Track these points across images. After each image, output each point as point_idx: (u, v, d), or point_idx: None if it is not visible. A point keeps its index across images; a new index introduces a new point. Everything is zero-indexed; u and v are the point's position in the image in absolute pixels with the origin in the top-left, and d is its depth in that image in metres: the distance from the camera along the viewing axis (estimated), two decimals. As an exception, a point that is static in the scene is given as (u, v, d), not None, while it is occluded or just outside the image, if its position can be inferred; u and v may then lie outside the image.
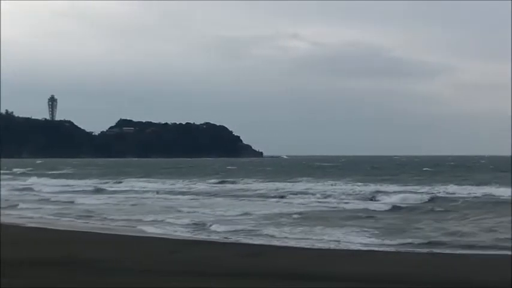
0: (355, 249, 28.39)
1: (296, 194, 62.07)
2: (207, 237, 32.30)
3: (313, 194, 61.68)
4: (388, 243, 30.21)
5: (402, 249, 28.35)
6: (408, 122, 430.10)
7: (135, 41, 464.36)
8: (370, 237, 32.23)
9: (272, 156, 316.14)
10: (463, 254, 26.82)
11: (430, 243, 30.17)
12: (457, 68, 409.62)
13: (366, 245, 29.88)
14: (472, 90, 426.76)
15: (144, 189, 73.33)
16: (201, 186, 78.61)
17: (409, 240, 31.05)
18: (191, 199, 59.59)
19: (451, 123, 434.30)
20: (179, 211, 46.07)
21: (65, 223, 39.42)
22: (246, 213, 43.47)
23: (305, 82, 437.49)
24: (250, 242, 30.49)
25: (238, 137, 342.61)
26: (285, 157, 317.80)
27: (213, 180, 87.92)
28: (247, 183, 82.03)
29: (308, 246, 28.87)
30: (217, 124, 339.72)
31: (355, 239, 31.61)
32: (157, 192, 67.53)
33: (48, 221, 40.20)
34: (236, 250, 25.95)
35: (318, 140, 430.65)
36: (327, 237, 32.34)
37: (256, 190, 69.28)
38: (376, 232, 34.10)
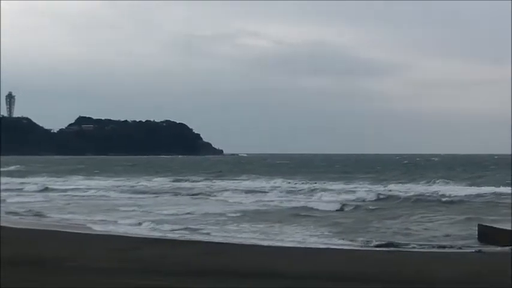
0: (313, 247, 28.47)
1: (247, 192, 62.32)
2: (164, 236, 32.23)
3: (263, 192, 62.44)
4: (342, 242, 30.40)
5: (358, 247, 28.60)
6: (367, 120, 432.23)
7: (97, 38, 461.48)
8: (325, 236, 32.47)
9: (232, 154, 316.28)
10: (417, 251, 27.06)
11: (385, 241, 30.45)
12: (413, 66, 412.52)
13: (322, 243, 29.99)
14: (428, 88, 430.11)
15: (90, 187, 72.62)
16: (153, 183, 78.84)
17: (364, 238, 31.33)
18: (140, 197, 59.74)
19: (408, 121, 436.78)
20: (127, 209, 46.12)
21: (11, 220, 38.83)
22: (189, 213, 43.47)
23: (266, 80, 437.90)
24: (209, 240, 30.52)
25: (199, 134, 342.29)
26: (245, 155, 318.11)
27: (160, 179, 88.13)
28: (195, 181, 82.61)
29: (267, 244, 28.93)
30: (178, 122, 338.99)
31: (310, 238, 31.84)
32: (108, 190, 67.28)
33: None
34: (195, 248, 25.82)
35: (278, 138, 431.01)
36: (285, 235, 32.66)
37: (206, 188, 69.73)
38: (330, 230, 34.42)
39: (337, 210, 45.96)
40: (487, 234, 30.36)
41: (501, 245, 27.77)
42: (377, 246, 29.07)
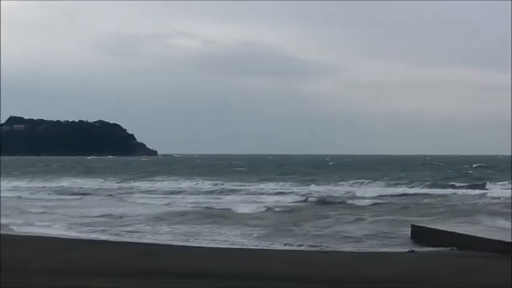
0: (244, 248, 28.37)
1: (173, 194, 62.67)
2: (96, 237, 31.89)
3: (185, 193, 62.92)
4: (271, 243, 30.39)
5: (291, 248, 28.60)
6: (304, 120, 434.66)
7: (29, 37, 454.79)
8: (254, 237, 32.54)
9: (166, 155, 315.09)
10: (350, 251, 27.06)
11: (315, 241, 30.58)
12: (347, 67, 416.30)
13: (251, 244, 29.98)
14: (363, 89, 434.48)
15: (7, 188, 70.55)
16: (75, 184, 78.19)
17: (296, 239, 31.53)
18: (63, 199, 59.09)
19: (346, 122, 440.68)
20: (48, 211, 45.46)
21: None
22: (112, 214, 43.18)
23: (199, 81, 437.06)
24: (139, 241, 30.30)
25: (132, 135, 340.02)
26: (178, 156, 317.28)
27: (83, 180, 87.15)
28: (121, 182, 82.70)
29: (200, 245, 28.84)
30: (111, 122, 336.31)
31: (242, 238, 31.89)
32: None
33: None
34: (127, 249, 25.51)
35: (212, 138, 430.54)
36: (213, 236, 32.67)
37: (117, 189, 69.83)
38: (258, 231, 34.47)
39: (263, 212, 45.83)
40: (419, 234, 30.58)
41: (433, 245, 28.01)
42: (308, 246, 29.04)
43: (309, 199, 55.80)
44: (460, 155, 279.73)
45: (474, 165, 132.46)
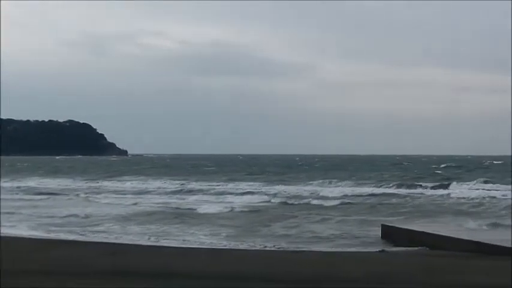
0: (213, 247, 28.37)
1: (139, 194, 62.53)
2: (66, 237, 31.64)
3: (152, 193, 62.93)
4: (240, 243, 30.47)
5: (261, 248, 28.61)
6: (276, 121, 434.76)
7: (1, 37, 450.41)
8: (222, 237, 32.55)
9: (137, 155, 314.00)
10: (320, 251, 27.08)
11: (284, 241, 30.79)
12: (321, 67, 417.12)
13: (220, 244, 30.02)
14: (336, 89, 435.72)
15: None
16: (41, 185, 77.74)
17: (265, 239, 31.63)
18: (30, 199, 58.50)
19: (317, 122, 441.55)
20: (20, 212, 45.06)
21: None
22: (77, 214, 43.00)
23: (171, 81, 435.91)
24: (114, 241, 30.16)
25: (103, 135, 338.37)
26: (150, 156, 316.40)
27: (49, 180, 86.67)
28: (88, 181, 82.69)
29: (171, 245, 28.71)
30: (81, 122, 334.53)
31: (211, 238, 31.88)
32: None
33: None
34: (101, 249, 25.27)
35: (185, 139, 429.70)
36: (181, 236, 32.67)
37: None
38: (231, 231, 34.55)
39: (230, 212, 45.86)
40: (390, 234, 30.69)
41: (404, 245, 28.13)
42: (278, 246, 29.08)
43: (277, 199, 55.89)
44: (432, 155, 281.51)
45: (442, 165, 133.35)
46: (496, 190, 62.25)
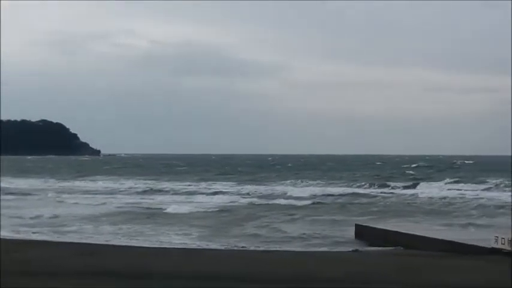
0: (189, 248, 28.20)
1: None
2: (39, 237, 31.33)
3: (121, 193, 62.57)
4: (217, 242, 30.40)
5: (235, 248, 28.53)
6: (247, 121, 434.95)
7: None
8: (199, 236, 32.48)
9: (110, 155, 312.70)
10: (294, 251, 27.05)
11: (259, 241, 30.80)
12: (292, 67, 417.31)
13: (193, 244, 29.84)
14: (307, 88, 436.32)
15: None
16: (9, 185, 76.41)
17: (238, 239, 31.60)
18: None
19: (287, 122, 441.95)
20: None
21: None
22: (47, 214, 42.58)
23: (145, 80, 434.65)
24: (86, 241, 29.87)
25: (76, 134, 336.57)
26: (123, 155, 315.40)
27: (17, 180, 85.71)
28: (60, 180, 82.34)
29: (144, 245, 28.57)
30: (54, 121, 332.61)
31: (184, 238, 31.76)
32: None
33: None
34: (75, 249, 25.06)
35: (157, 138, 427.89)
36: (159, 236, 32.50)
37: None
38: (203, 231, 34.47)
39: (202, 211, 45.67)
40: (363, 234, 30.68)
41: (378, 244, 28.19)
42: (251, 245, 29.04)
43: (248, 199, 55.86)
44: (404, 155, 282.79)
45: (413, 165, 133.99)
46: (464, 190, 62.70)
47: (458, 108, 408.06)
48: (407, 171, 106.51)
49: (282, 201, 52.97)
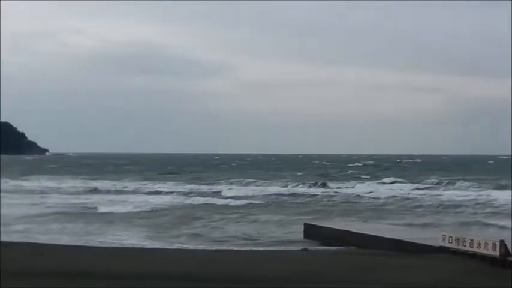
0: (137, 247, 28.10)
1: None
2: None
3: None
4: (165, 242, 30.39)
5: (183, 247, 28.54)
6: (196, 120, 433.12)
7: None
8: (146, 236, 32.28)
9: (58, 154, 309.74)
10: (244, 250, 27.20)
11: (207, 241, 30.85)
12: (238, 67, 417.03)
13: (141, 244, 29.73)
14: (254, 88, 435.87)
15: None
16: None
17: (184, 239, 31.65)
18: None
19: (241, 121, 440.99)
20: None
21: None
22: None
23: (92, 79, 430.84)
24: (33, 241, 29.38)
25: (23, 133, 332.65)
26: (72, 154, 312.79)
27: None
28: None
29: (90, 245, 28.34)
30: (2, 121, 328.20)
31: (132, 238, 31.50)
32: None
33: None
34: (26, 249, 24.78)
35: (106, 137, 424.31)
36: (109, 236, 32.22)
37: None
38: (149, 231, 34.27)
39: (140, 211, 45.16)
40: (312, 233, 30.76)
41: (327, 243, 28.42)
42: (200, 245, 29.13)
43: (190, 198, 55.47)
44: (353, 154, 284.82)
45: (358, 164, 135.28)
46: (409, 189, 63.39)
47: (405, 108, 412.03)
48: (351, 171, 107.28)
49: (221, 201, 52.56)
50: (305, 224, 32.55)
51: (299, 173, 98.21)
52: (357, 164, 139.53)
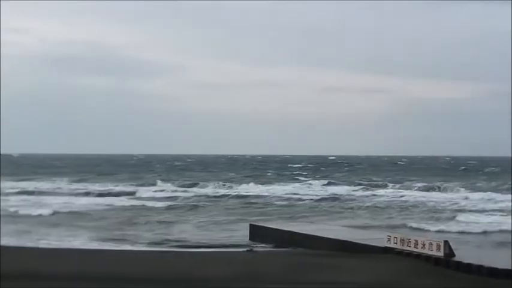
0: (81, 248, 27.80)
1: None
2: None
3: None
4: (106, 243, 30.08)
5: (127, 248, 28.36)
6: (142, 120, 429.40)
7: None
8: (90, 237, 31.88)
9: (5, 155, 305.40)
10: (190, 252, 27.05)
11: (153, 242, 30.55)
12: (187, 67, 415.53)
13: (83, 244, 29.39)
14: (202, 89, 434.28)
15: None
16: None
17: (131, 239, 31.37)
18: None
19: (184, 122, 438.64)
20: None
21: None
22: None
23: (32, 79, 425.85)
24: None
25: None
26: (16, 155, 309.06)
27: None
28: None
29: (29, 246, 28.00)
30: None
31: (73, 239, 31.05)
32: None
33: None
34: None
35: (48, 138, 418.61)
36: (51, 237, 31.77)
37: None
38: (94, 232, 33.79)
39: (56, 214, 43.89)
40: (258, 234, 30.79)
41: (272, 244, 28.58)
42: (144, 247, 28.97)
43: (125, 200, 54.56)
44: (296, 155, 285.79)
45: (297, 165, 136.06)
46: (343, 191, 63.52)
47: (353, 108, 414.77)
48: (293, 172, 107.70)
49: (166, 203, 51.63)
50: (251, 225, 32.58)
51: (240, 173, 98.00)
52: (297, 165, 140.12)
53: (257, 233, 31.09)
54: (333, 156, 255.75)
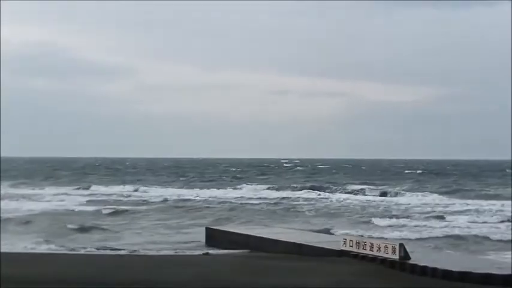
0: (34, 252, 27.67)
1: None
2: None
3: None
4: (58, 247, 29.90)
5: (81, 252, 28.16)
6: (92, 122, 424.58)
7: None
8: (36, 241, 31.50)
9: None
10: (147, 255, 26.93)
11: (109, 245, 30.48)
12: (140, 69, 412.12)
13: (36, 248, 29.25)
14: (156, 91, 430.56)
15: None
16: None
17: (84, 244, 31.11)
18: None
19: (136, 124, 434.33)
20: None
21: None
22: None
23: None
24: None
25: None
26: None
27: None
28: None
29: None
30: None
31: (22, 243, 30.67)
32: None
33: None
34: None
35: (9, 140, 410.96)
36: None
37: None
38: (41, 236, 33.45)
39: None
40: (214, 237, 30.87)
41: (229, 247, 28.58)
42: (100, 250, 28.86)
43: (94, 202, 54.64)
44: (243, 158, 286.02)
45: (235, 169, 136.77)
46: (293, 194, 64.39)
47: (303, 111, 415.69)
48: (236, 175, 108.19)
49: (120, 207, 51.25)
50: (207, 228, 32.61)
51: (187, 175, 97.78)
52: (235, 168, 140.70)
53: (213, 236, 31.14)
54: (284, 159, 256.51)
